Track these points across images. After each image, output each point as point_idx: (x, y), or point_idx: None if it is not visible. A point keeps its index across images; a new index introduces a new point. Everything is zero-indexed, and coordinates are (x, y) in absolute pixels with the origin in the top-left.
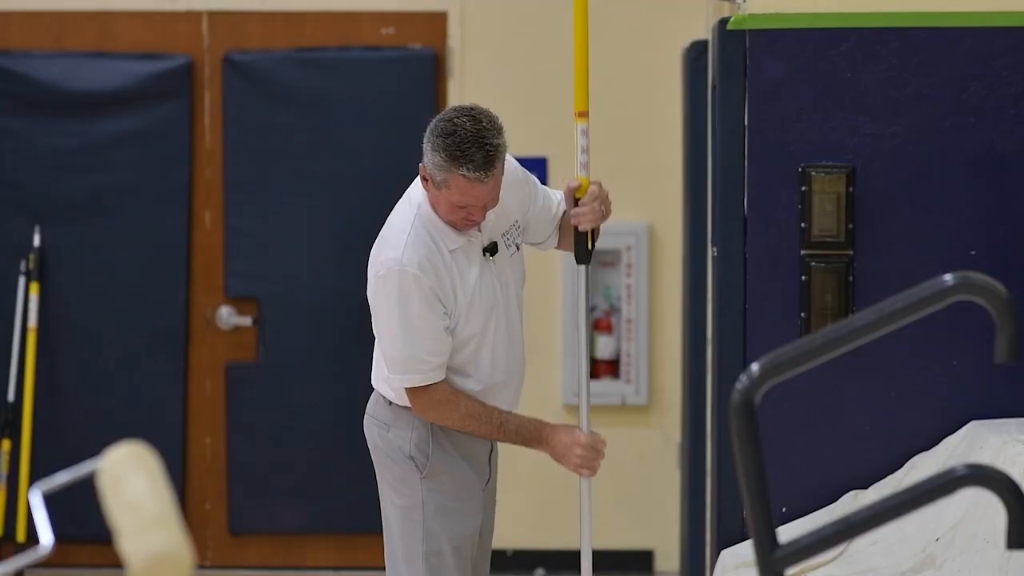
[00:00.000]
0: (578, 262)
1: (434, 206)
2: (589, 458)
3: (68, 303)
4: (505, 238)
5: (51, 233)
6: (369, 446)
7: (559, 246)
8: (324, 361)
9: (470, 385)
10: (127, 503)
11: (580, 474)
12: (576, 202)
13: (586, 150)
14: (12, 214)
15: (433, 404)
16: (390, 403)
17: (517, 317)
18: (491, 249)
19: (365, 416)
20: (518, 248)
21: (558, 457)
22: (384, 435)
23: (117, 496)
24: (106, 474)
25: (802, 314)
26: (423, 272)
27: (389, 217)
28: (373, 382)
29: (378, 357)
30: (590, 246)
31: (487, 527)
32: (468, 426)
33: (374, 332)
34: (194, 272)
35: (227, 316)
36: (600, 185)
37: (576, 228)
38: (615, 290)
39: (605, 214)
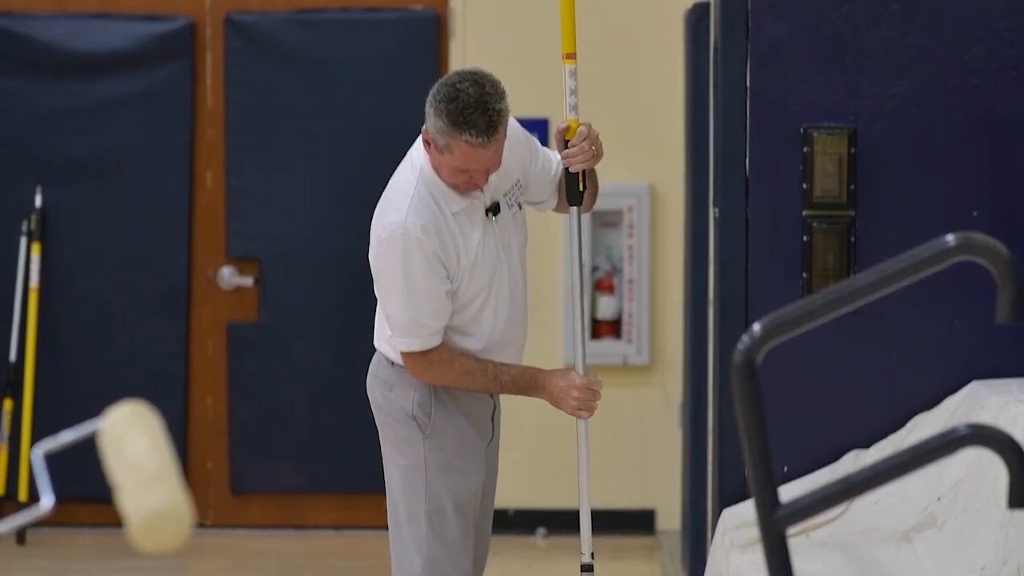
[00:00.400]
0: (570, 203)
1: (436, 170)
2: (586, 400)
3: (70, 264)
4: (507, 198)
5: (53, 194)
6: (372, 406)
7: (558, 208)
8: (326, 321)
9: (472, 344)
10: (127, 461)
11: (578, 416)
12: (566, 144)
13: (575, 92)
14: (14, 175)
15: (429, 366)
16: (392, 363)
17: (520, 276)
18: (493, 209)
19: (368, 376)
20: (520, 207)
21: (555, 402)
22: (387, 395)
23: (118, 455)
24: (107, 433)
25: (804, 275)
26: (426, 236)
27: (392, 179)
28: (375, 342)
29: (380, 318)
30: (581, 187)
31: (489, 486)
32: (464, 382)
33: (376, 294)
34: (196, 232)
35: (229, 276)
36: (590, 126)
37: (567, 169)
38: (617, 251)
39: (597, 155)
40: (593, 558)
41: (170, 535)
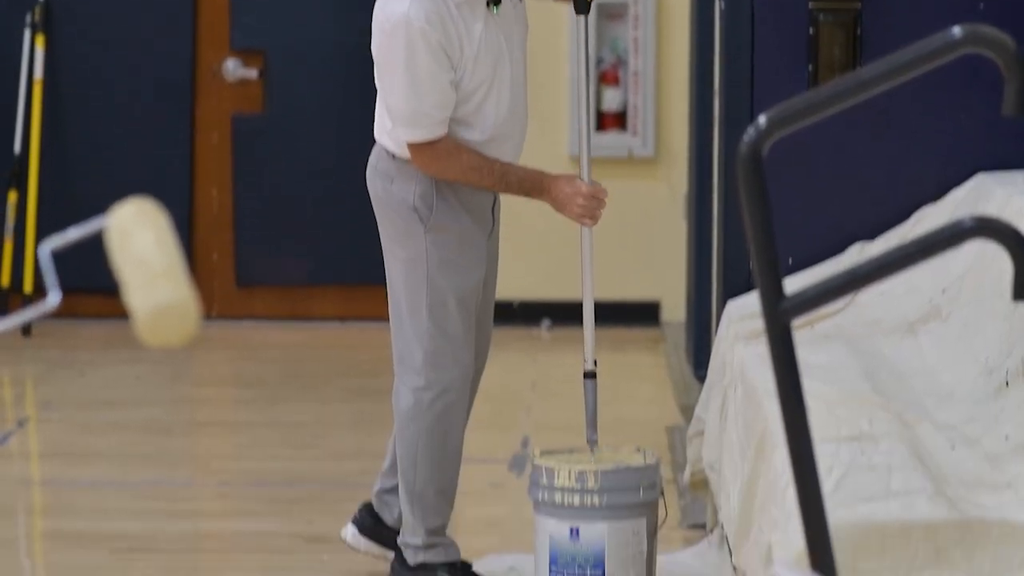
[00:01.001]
0: (577, 12)
1: None
2: (591, 207)
3: (74, 56)
4: None
5: None
6: (372, 199)
7: None
8: (330, 113)
9: (473, 136)
10: (134, 257)
11: (582, 224)
12: None
13: None
14: None
15: (435, 158)
16: (393, 156)
17: (521, 69)
18: (495, 1)
19: (368, 168)
20: (521, 0)
21: (560, 207)
22: (387, 188)
23: (124, 252)
24: (114, 230)
25: (809, 67)
26: (430, 25)
27: None
28: (376, 135)
29: (381, 110)
30: None
31: (490, 278)
32: (470, 178)
33: (377, 85)
34: (200, 25)
35: (233, 68)
36: None
37: None
38: (622, 42)
39: None
40: (596, 366)
41: (177, 330)
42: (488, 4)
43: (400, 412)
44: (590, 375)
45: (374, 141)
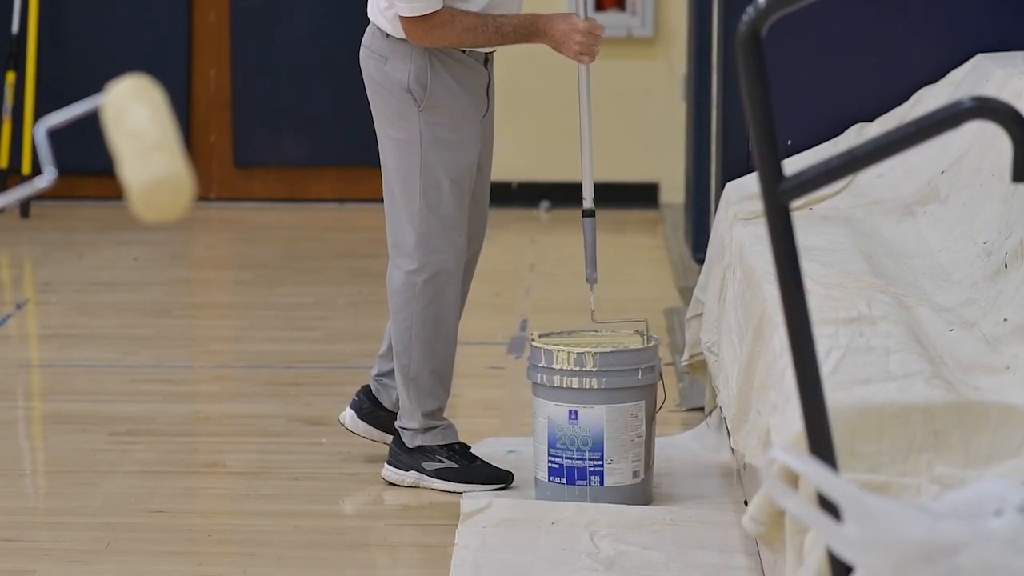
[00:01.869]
0: None
1: None
2: (588, 44)
3: None
4: None
5: None
6: (365, 79)
7: None
8: None
9: (470, 7)
10: (128, 131)
11: (580, 61)
12: None
13: None
14: None
15: (431, 28)
16: (387, 35)
17: None
18: None
19: (361, 49)
20: None
21: (557, 46)
22: (381, 68)
23: (119, 126)
24: (109, 106)
25: None
26: None
27: None
28: (369, 14)
29: None
30: None
31: (486, 159)
32: (467, 39)
33: None
34: None
35: None
36: None
37: None
38: None
39: None
40: (594, 203)
41: (170, 203)
42: None
43: (394, 295)
44: (589, 213)
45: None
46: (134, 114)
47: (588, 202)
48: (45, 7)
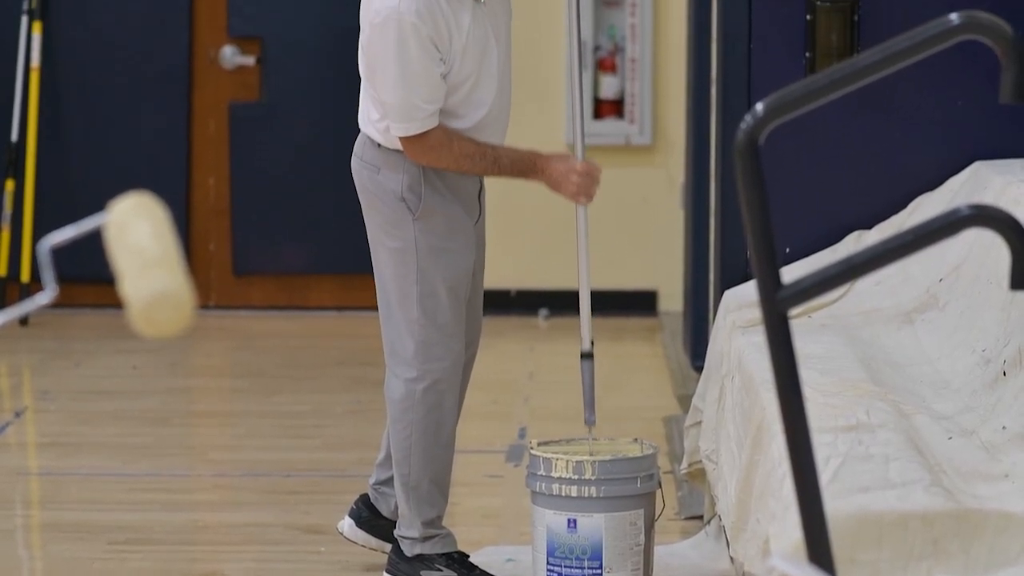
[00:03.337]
0: None
1: None
2: (586, 185)
3: (71, 42)
4: None
5: None
6: (358, 189)
7: None
8: (327, 101)
9: (461, 125)
10: (130, 247)
11: (578, 202)
12: None
13: None
14: None
15: (428, 149)
16: (379, 145)
17: (507, 58)
18: None
19: (352, 158)
20: None
21: (555, 186)
22: (374, 177)
23: (121, 242)
24: (112, 224)
25: (807, 54)
26: (420, 19)
27: None
28: (360, 124)
29: (365, 99)
30: None
31: (479, 266)
32: (463, 166)
33: (363, 76)
34: (197, 11)
35: (231, 56)
36: None
37: None
38: (619, 29)
39: None
40: (593, 346)
41: (171, 319)
42: None
43: (392, 404)
44: (587, 355)
45: None
46: (135, 230)
47: (586, 344)
48: (44, 114)
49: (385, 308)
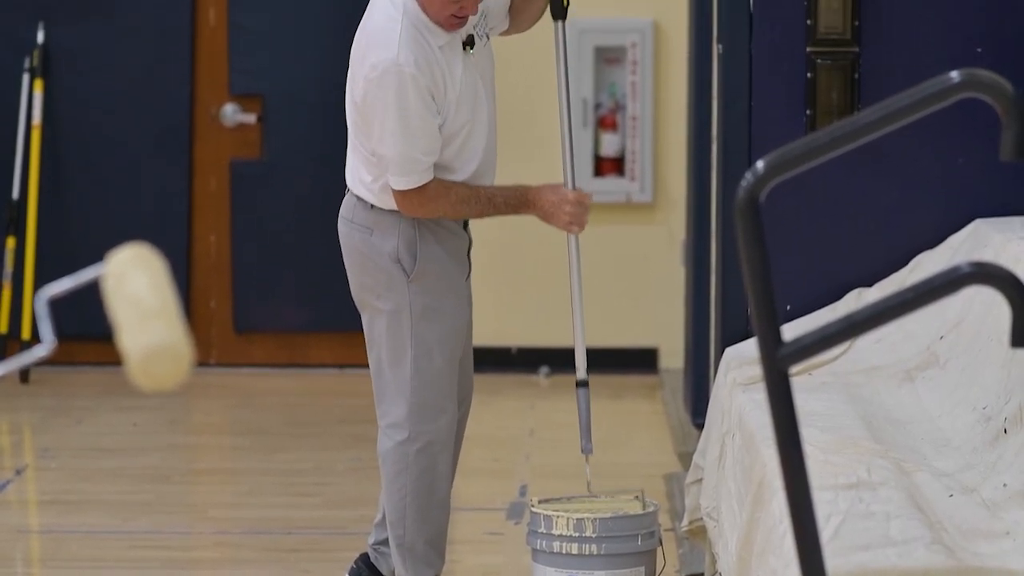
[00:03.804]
0: (554, 18)
1: (424, 5)
2: (577, 214)
3: (72, 100)
4: (477, 30)
5: (55, 30)
6: (346, 252)
7: (507, 31)
8: (328, 159)
9: (454, 177)
10: (128, 299)
11: (569, 231)
12: None
13: None
14: (16, 10)
15: (426, 201)
16: (372, 206)
17: (493, 107)
18: (469, 43)
19: (340, 221)
20: (488, 38)
21: (547, 217)
22: (367, 239)
23: (119, 293)
24: (110, 275)
25: (807, 111)
26: (419, 71)
27: (365, 21)
28: (350, 185)
29: (354, 161)
30: (565, 2)
31: (469, 323)
32: (460, 211)
33: (352, 136)
34: (198, 69)
35: (232, 113)
36: None
37: None
38: (620, 87)
39: None
40: (588, 374)
41: (169, 371)
42: (464, 46)
43: (385, 465)
44: (582, 384)
45: None
46: (133, 282)
47: (581, 372)
48: (45, 173)
49: (376, 369)
